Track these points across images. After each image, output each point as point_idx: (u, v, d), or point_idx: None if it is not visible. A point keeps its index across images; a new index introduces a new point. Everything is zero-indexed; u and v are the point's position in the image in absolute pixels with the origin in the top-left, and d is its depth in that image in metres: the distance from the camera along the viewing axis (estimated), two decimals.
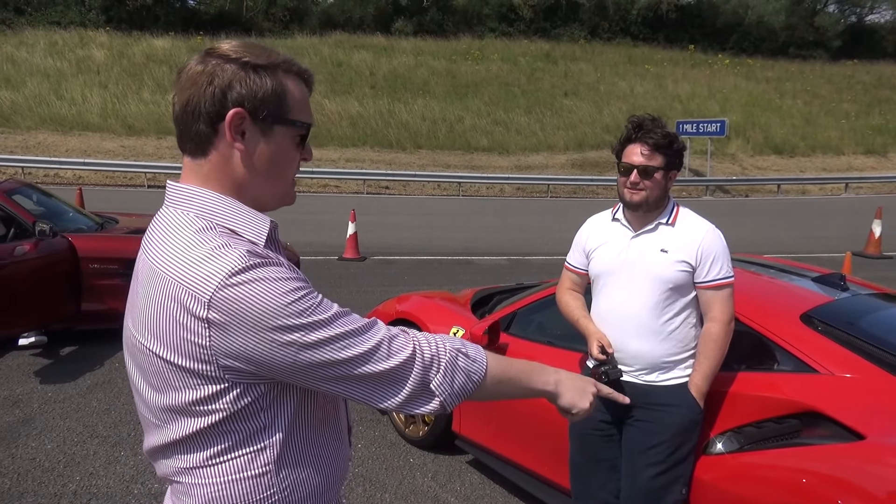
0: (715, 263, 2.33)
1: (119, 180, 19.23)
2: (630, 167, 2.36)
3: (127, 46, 26.87)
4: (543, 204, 19.75)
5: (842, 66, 34.62)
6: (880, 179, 24.74)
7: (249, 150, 1.10)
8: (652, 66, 31.48)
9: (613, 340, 2.39)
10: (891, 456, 2.03)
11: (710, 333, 2.35)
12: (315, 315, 1.03)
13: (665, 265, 2.33)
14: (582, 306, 2.60)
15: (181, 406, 1.07)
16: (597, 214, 2.65)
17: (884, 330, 2.61)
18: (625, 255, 2.41)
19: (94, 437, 3.88)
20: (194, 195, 1.10)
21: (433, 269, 9.25)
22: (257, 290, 0.99)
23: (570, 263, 2.68)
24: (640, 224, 2.43)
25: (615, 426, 2.45)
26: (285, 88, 1.10)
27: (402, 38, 32.04)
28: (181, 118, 1.10)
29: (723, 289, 2.34)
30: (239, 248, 1.03)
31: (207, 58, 1.09)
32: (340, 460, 1.23)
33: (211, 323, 1.00)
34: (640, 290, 2.36)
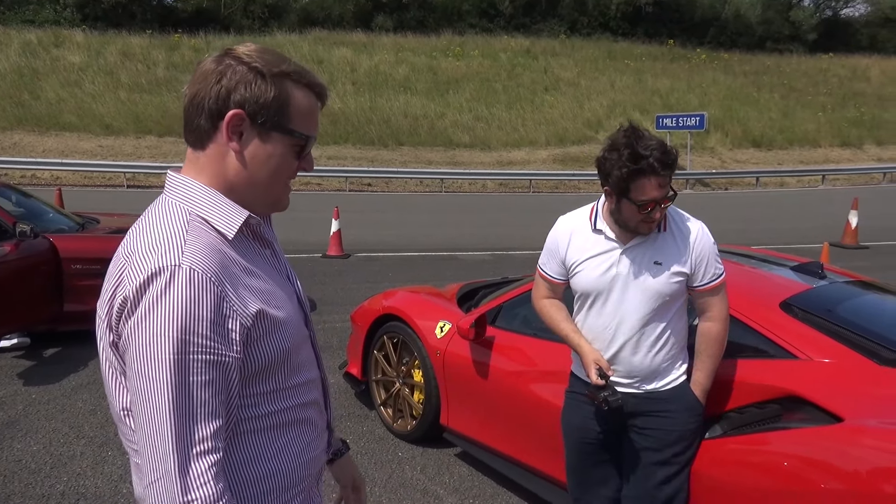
0: (709, 266, 2.26)
1: (97, 181, 19.00)
2: (651, 202, 2.12)
3: (103, 45, 26.51)
4: (526, 199, 19.82)
5: (817, 60, 35.06)
6: (856, 171, 25.12)
7: (244, 151, 1.13)
8: (631, 61, 31.66)
9: (608, 356, 2.26)
10: (868, 437, 2.09)
11: (712, 333, 2.31)
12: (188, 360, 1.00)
13: (660, 279, 2.21)
14: (567, 318, 2.41)
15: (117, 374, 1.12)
16: (570, 216, 2.42)
17: (860, 316, 2.68)
18: (615, 270, 2.25)
19: (81, 438, 3.86)
20: (181, 183, 1.15)
21: (417, 264, 9.27)
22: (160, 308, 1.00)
23: (546, 272, 2.45)
24: (629, 236, 2.25)
25: (616, 435, 2.38)
26: (289, 98, 1.13)
27: (383, 34, 31.92)
28: (187, 110, 1.14)
29: (718, 288, 2.29)
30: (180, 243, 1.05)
31: (223, 57, 1.13)
32: (298, 451, 1.22)
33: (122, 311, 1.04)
34: (635, 306, 2.23)
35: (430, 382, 3.68)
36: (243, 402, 1.12)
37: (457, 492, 3.45)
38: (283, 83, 1.12)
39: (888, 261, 9.83)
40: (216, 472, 1.03)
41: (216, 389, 1.04)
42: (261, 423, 1.15)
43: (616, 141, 2.15)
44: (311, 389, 1.25)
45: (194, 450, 1.01)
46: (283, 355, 1.15)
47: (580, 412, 2.42)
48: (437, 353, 3.62)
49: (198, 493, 1.01)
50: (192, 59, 26.74)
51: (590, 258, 2.29)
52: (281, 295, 1.18)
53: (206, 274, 1.03)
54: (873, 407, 2.21)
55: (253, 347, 1.10)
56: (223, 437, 1.06)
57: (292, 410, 1.20)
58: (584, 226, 2.34)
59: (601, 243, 2.29)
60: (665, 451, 2.30)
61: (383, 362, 4.11)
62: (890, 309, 2.99)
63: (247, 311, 1.08)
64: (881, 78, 33.52)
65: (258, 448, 1.15)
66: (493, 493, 3.44)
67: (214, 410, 1.03)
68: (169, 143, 21.60)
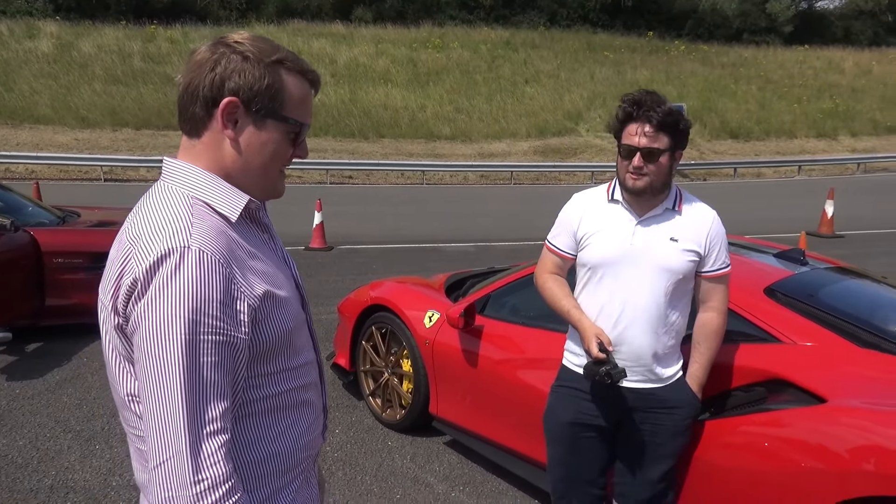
0: (721, 252, 2.25)
1: (74, 174, 18.71)
2: (632, 149, 2.13)
3: (77, 36, 26.04)
4: (507, 191, 19.88)
5: (793, 52, 35.47)
6: (831, 161, 25.49)
7: (239, 138, 1.14)
8: (611, 53, 31.79)
9: (613, 336, 2.20)
10: (851, 417, 2.15)
11: (712, 324, 2.31)
12: (199, 340, 1.01)
13: (675, 255, 2.19)
14: (569, 294, 2.35)
15: (121, 359, 1.12)
16: (586, 192, 2.40)
17: (841, 301, 2.75)
18: (629, 242, 2.21)
19: (67, 433, 3.83)
20: (181, 168, 1.16)
21: (401, 256, 9.28)
22: (170, 288, 1.01)
23: (555, 245, 2.40)
24: (644, 209, 2.22)
25: (610, 430, 2.34)
26: (283, 85, 1.15)
27: (362, 26, 31.72)
28: (182, 98, 1.15)
29: (724, 278, 2.29)
30: (187, 225, 1.05)
31: (217, 46, 1.14)
32: (299, 434, 1.24)
33: (131, 293, 1.04)
34: (647, 282, 2.19)
35: (419, 372, 3.71)
36: (248, 383, 1.13)
37: (447, 479, 3.48)
38: (276, 71, 1.14)
39: (863, 249, 10.03)
40: (225, 452, 1.04)
41: (225, 370, 1.05)
42: (264, 405, 1.16)
43: (627, 98, 2.21)
44: (310, 371, 1.27)
45: (205, 430, 1.02)
46: (286, 336, 1.17)
47: (573, 406, 2.35)
48: (426, 343, 3.64)
49: (209, 472, 1.01)
50: (168, 50, 26.40)
51: (603, 229, 2.26)
52: (282, 277, 1.20)
53: (215, 255, 1.04)
54: (855, 388, 2.27)
55: (259, 328, 1.11)
56: (230, 417, 1.07)
57: (294, 392, 1.21)
58: (600, 198, 2.33)
59: (617, 214, 2.26)
60: (663, 445, 2.30)
61: (371, 353, 4.13)
62: (868, 294, 3.07)
63: (253, 292, 1.09)
64: (855, 70, 34.01)
65: (261, 430, 1.16)
66: (483, 479, 3.48)
67: (223, 391, 1.05)
68: (146, 135, 21.32)
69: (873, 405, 2.18)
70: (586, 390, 2.32)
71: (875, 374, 2.34)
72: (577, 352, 2.37)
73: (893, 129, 29.39)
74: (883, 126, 29.43)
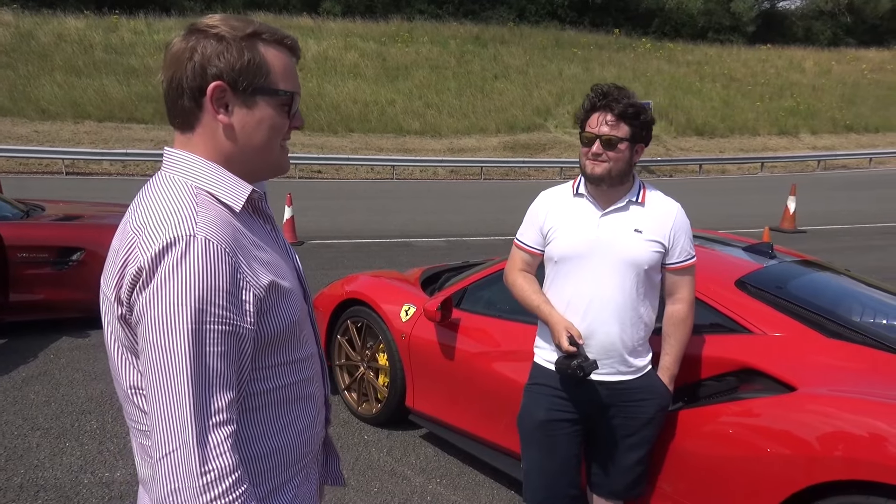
0: (686, 244, 2.29)
1: (34, 167, 18.23)
2: (593, 137, 2.19)
3: (36, 26, 25.32)
4: (477, 186, 19.94)
5: (756, 51, 36.20)
6: (793, 159, 26.12)
7: (234, 121, 1.13)
8: (579, 50, 32.07)
9: (582, 329, 2.21)
10: (819, 404, 2.22)
11: (680, 316, 2.35)
12: (205, 329, 1.00)
13: (640, 246, 2.22)
14: (539, 290, 2.37)
15: (124, 350, 1.11)
16: (553, 188, 2.43)
17: (808, 293, 2.84)
18: (594, 235, 2.23)
19: (36, 430, 3.76)
20: (182, 158, 1.14)
21: (372, 251, 9.26)
22: (177, 276, 1.00)
23: (523, 242, 2.42)
24: (608, 201, 2.26)
25: (584, 424, 2.35)
26: (264, 59, 1.13)
27: (330, 19, 31.47)
28: (167, 94, 1.13)
29: (689, 269, 2.33)
30: (192, 214, 1.04)
31: (189, 34, 1.12)
32: (300, 428, 1.23)
33: (135, 282, 1.03)
34: (613, 274, 2.22)
35: (395, 365, 3.72)
36: (253, 375, 1.12)
37: (423, 472, 3.50)
38: (254, 45, 1.12)
39: (824, 244, 10.30)
40: (232, 443, 1.03)
41: (231, 360, 1.04)
42: (269, 398, 1.15)
43: (596, 88, 2.24)
44: (313, 364, 1.26)
45: (212, 420, 1.01)
46: (291, 327, 1.16)
47: (546, 405, 2.35)
48: (402, 337, 3.65)
49: (215, 463, 1.00)
50: (132, 41, 25.84)
51: (568, 223, 2.29)
52: (285, 268, 1.19)
53: (222, 244, 1.03)
54: (822, 376, 2.35)
55: (264, 318, 1.10)
56: (235, 409, 1.06)
57: (298, 386, 1.21)
58: (565, 193, 2.37)
59: (581, 207, 2.29)
60: (635, 435, 2.34)
61: (347, 347, 4.12)
62: (833, 285, 3.17)
63: (259, 282, 1.08)
64: (815, 69, 34.88)
65: (265, 424, 1.15)
66: (459, 471, 3.51)
67: (229, 381, 1.04)
68: (109, 128, 20.87)
69: (840, 393, 2.25)
70: (558, 386, 2.32)
71: (840, 363, 2.42)
72: (547, 347, 2.37)
73: (852, 128, 30.25)
74: (842, 124, 30.26)
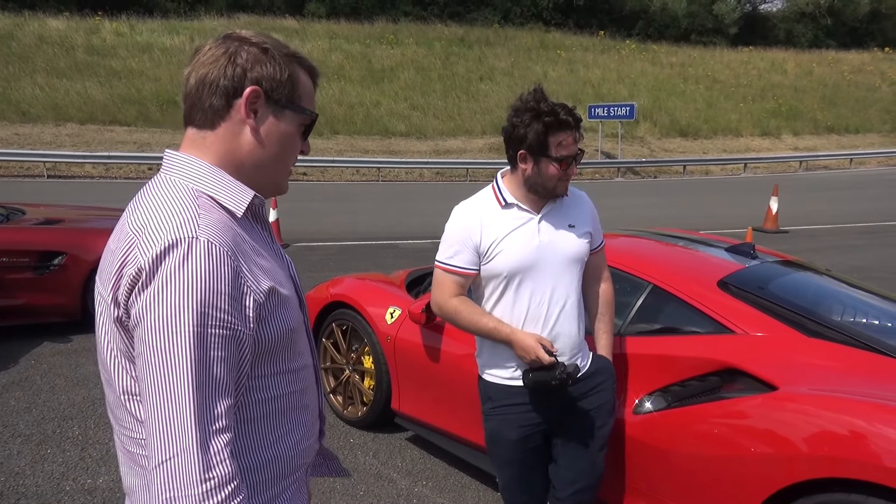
0: (600, 228, 2.42)
1: (15, 170, 18.02)
2: (569, 158, 2.15)
3: (17, 27, 25.05)
4: (463, 188, 19.95)
5: (739, 53, 36.55)
6: (775, 159, 26.39)
7: (260, 128, 1.15)
8: (564, 52, 32.22)
9: (548, 337, 2.20)
10: (800, 403, 2.24)
11: (609, 294, 2.48)
12: (207, 333, 0.98)
13: (578, 241, 2.27)
14: (484, 312, 2.27)
15: (119, 354, 1.08)
16: (469, 203, 2.30)
17: (789, 293, 2.86)
18: (537, 240, 2.21)
19: (16, 437, 3.71)
20: (184, 161, 1.13)
21: (358, 253, 9.24)
22: (179, 278, 0.98)
23: (455, 266, 2.25)
24: (540, 205, 2.25)
25: (551, 427, 2.32)
26: (298, 78, 1.18)
27: (315, 21, 31.39)
28: (195, 92, 1.13)
29: (603, 251, 2.47)
30: (194, 216, 1.03)
31: (227, 40, 1.15)
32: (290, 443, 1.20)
33: (134, 283, 1.01)
34: (563, 275, 2.24)
35: (380, 368, 3.71)
36: (250, 384, 1.10)
37: (410, 474, 3.50)
38: (292, 64, 1.17)
39: (806, 244, 10.42)
40: (230, 450, 1.00)
41: (231, 365, 1.02)
42: (265, 408, 1.14)
43: (526, 103, 2.15)
44: (308, 374, 1.26)
45: (214, 426, 0.98)
46: (288, 335, 1.15)
47: (517, 423, 2.29)
48: (387, 339, 3.65)
49: (217, 470, 0.98)
50: (114, 43, 25.64)
51: (510, 233, 2.21)
52: (282, 275, 1.19)
53: (223, 247, 1.02)
54: (803, 375, 2.37)
55: (263, 325, 1.08)
56: (233, 416, 1.04)
57: (293, 396, 1.19)
58: (490, 206, 2.26)
59: (516, 216, 2.23)
60: (604, 426, 2.36)
61: (332, 350, 4.11)
62: (814, 285, 3.20)
63: (260, 287, 1.07)
64: (796, 70, 35.28)
65: (260, 435, 1.13)
66: (446, 473, 3.51)
67: (228, 387, 1.02)
68: (92, 130, 20.68)
69: (820, 391, 2.28)
70: (527, 402, 2.27)
71: (821, 362, 2.45)
72: (504, 366, 2.29)
73: (833, 129, 30.63)
74: (823, 125, 30.63)
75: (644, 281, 2.85)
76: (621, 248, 3.19)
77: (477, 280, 2.30)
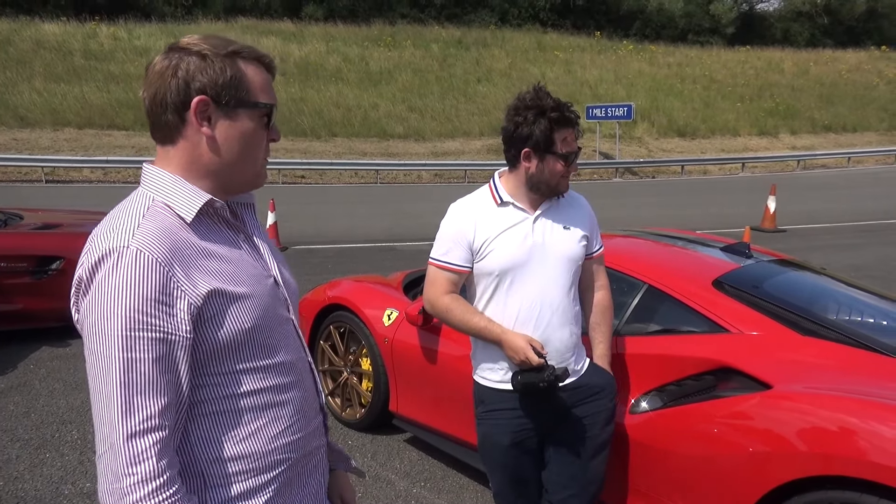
0: (598, 234, 2.41)
1: (13, 175, 18.01)
2: (572, 154, 2.18)
3: (14, 32, 25.08)
4: (461, 189, 19.91)
5: (736, 52, 36.62)
6: (773, 159, 26.41)
7: (217, 134, 1.18)
8: (561, 53, 32.26)
9: (539, 338, 2.17)
10: (794, 401, 2.25)
11: (606, 302, 2.45)
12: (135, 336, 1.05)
13: (573, 243, 2.26)
14: (476, 311, 2.26)
15: None
16: (465, 202, 2.31)
17: (784, 292, 2.88)
18: (531, 240, 2.20)
19: (15, 441, 3.72)
20: (150, 174, 1.21)
21: (356, 256, 9.25)
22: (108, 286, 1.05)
23: (448, 262, 2.25)
24: (536, 205, 2.25)
25: (547, 434, 2.31)
26: (244, 74, 1.19)
27: (312, 23, 31.44)
28: (150, 111, 1.19)
29: (602, 258, 2.46)
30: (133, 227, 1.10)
31: (170, 53, 1.18)
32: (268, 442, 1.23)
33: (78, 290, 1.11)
34: (556, 276, 2.22)
35: (378, 370, 3.72)
36: (209, 381, 1.15)
37: (408, 476, 3.50)
38: (234, 62, 1.18)
39: (804, 243, 10.43)
40: (160, 448, 1.06)
41: (164, 367, 1.07)
42: (232, 404, 1.17)
43: (527, 101, 2.16)
44: (290, 371, 1.27)
45: (141, 426, 1.05)
46: (245, 334, 1.17)
47: (509, 428, 2.27)
48: (385, 341, 3.66)
49: (140, 467, 1.04)
50: (112, 47, 25.66)
51: (503, 232, 2.20)
52: (245, 276, 1.20)
53: (153, 255, 1.08)
54: (798, 374, 2.38)
55: (207, 326, 1.13)
56: (174, 415, 1.09)
57: (269, 392, 1.22)
58: (486, 204, 2.27)
59: (511, 215, 2.23)
60: (600, 435, 2.33)
61: (330, 352, 4.12)
62: (809, 284, 3.22)
63: (196, 292, 1.11)
64: (793, 69, 35.33)
65: (228, 428, 1.18)
66: (444, 474, 3.52)
67: (161, 388, 1.07)
68: (90, 135, 20.69)
69: (815, 390, 2.28)
70: (517, 406, 2.25)
71: (815, 361, 2.46)
72: (497, 368, 2.27)
73: (830, 128, 30.66)
74: (821, 124, 30.66)
75: (639, 281, 2.86)
76: (617, 248, 3.20)
77: (470, 278, 2.30)
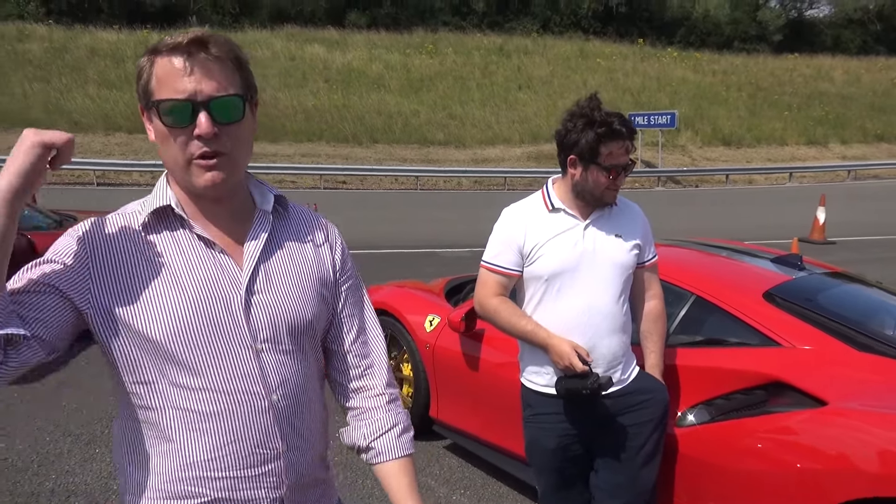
0: (651, 242, 2.41)
1: (66, 178, 18.61)
2: (619, 167, 2.16)
3: (69, 40, 26.00)
4: (501, 196, 19.91)
5: (783, 60, 35.82)
6: (822, 169, 25.72)
7: (154, 137, 1.18)
8: (603, 60, 32.00)
9: (585, 345, 2.17)
10: (850, 419, 2.18)
11: (658, 311, 2.43)
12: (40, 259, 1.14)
13: (624, 251, 2.26)
14: (524, 314, 2.29)
15: None
16: (518, 206, 2.36)
17: (838, 305, 2.79)
18: (581, 246, 2.21)
19: (67, 436, 3.83)
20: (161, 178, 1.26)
21: (396, 261, 9.30)
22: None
23: (499, 265, 2.30)
24: (588, 212, 2.26)
25: (593, 440, 2.31)
26: (152, 73, 1.12)
27: (356, 31, 31.83)
28: None
29: (656, 266, 2.45)
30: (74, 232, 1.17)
31: None
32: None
33: None
34: (605, 283, 2.22)
35: (419, 376, 3.73)
36: (131, 388, 1.16)
37: (447, 483, 3.50)
38: (152, 61, 1.12)
39: (854, 255, 10.12)
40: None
41: (36, 283, 1.09)
42: (144, 415, 1.17)
43: (580, 109, 2.19)
44: (220, 400, 1.16)
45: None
46: (148, 346, 1.14)
47: (555, 433, 2.29)
48: (426, 347, 3.66)
49: None
50: None
51: (553, 237, 2.23)
52: (177, 294, 1.15)
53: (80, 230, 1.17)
54: (853, 390, 2.31)
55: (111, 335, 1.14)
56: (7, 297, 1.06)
57: (193, 415, 1.16)
58: (538, 209, 2.30)
59: (562, 221, 2.25)
60: (647, 444, 2.31)
61: None
62: (864, 298, 3.12)
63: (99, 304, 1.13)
64: (844, 78, 34.39)
65: (137, 440, 1.19)
66: (483, 482, 3.50)
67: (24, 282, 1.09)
68: (139, 139, 21.23)
69: (871, 407, 2.21)
70: (561, 411, 2.26)
71: (871, 377, 2.38)
72: (541, 372, 2.29)
73: (883, 137, 29.71)
74: (872, 134, 29.75)
75: (687, 291, 2.81)
76: (663, 258, 3.14)
77: (520, 282, 2.32)
